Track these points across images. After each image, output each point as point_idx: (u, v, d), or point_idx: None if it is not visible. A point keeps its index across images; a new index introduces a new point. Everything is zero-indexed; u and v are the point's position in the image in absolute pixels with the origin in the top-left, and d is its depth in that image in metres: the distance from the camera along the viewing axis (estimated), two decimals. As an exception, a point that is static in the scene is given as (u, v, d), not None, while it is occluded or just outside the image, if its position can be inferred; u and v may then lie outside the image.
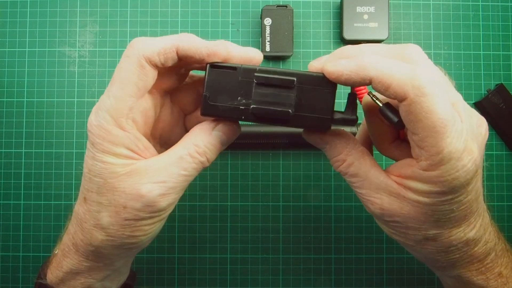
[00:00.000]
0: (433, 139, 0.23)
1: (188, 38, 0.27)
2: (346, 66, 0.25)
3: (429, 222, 0.26)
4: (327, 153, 0.29)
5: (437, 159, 0.24)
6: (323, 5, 0.46)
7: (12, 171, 0.45)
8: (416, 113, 0.23)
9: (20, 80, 0.45)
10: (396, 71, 0.23)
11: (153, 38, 0.27)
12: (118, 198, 0.26)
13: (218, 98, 0.27)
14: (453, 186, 0.24)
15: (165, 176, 0.26)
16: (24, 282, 0.44)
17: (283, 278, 0.45)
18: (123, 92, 0.26)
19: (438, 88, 0.23)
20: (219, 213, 0.45)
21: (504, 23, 0.46)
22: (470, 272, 0.29)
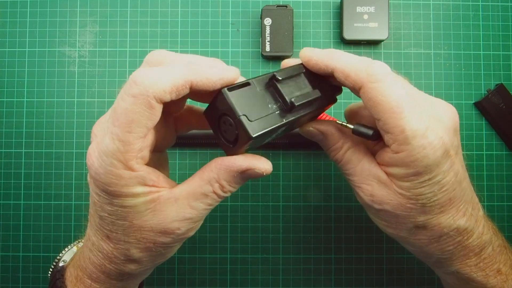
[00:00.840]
0: (393, 120, 0.25)
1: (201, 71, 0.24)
2: (317, 53, 0.29)
3: (415, 208, 0.27)
4: (324, 143, 0.31)
5: (402, 138, 0.25)
6: (323, 5, 0.46)
7: (12, 171, 0.45)
8: (374, 98, 0.26)
9: (20, 80, 0.45)
10: (355, 63, 0.27)
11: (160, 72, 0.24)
12: (147, 236, 0.26)
13: (253, 115, 0.25)
14: (424, 164, 0.26)
15: (190, 212, 0.26)
16: (24, 282, 0.44)
17: (283, 278, 0.45)
18: (131, 136, 0.23)
19: (390, 77, 0.26)
20: (219, 213, 0.45)
21: (504, 23, 0.46)
22: (469, 267, 0.29)
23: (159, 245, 0.27)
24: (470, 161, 0.45)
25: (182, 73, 0.24)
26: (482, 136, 0.46)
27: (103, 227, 0.27)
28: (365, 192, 0.29)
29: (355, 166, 0.29)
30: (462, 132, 0.46)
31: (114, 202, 0.25)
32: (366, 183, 0.29)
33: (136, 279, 0.30)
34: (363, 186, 0.29)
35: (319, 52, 0.29)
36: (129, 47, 0.46)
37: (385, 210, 0.28)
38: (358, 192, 0.30)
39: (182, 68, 0.24)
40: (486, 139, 0.46)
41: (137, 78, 0.23)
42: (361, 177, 0.29)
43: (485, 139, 0.46)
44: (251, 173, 0.27)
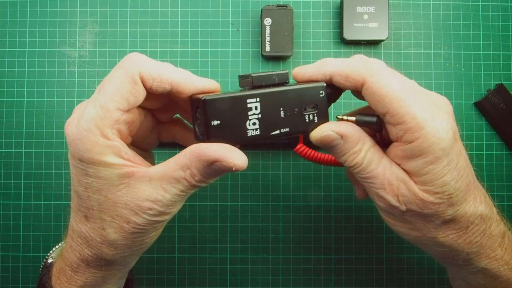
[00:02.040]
0: (402, 108, 0.25)
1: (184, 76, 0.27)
2: (309, 67, 0.29)
3: (443, 202, 0.27)
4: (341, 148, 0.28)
5: (414, 124, 0.25)
6: (323, 5, 0.46)
7: (12, 171, 0.45)
8: (378, 91, 0.26)
9: (20, 80, 0.45)
10: (352, 63, 0.27)
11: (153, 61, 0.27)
12: (120, 213, 0.26)
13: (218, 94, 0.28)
14: (441, 147, 0.26)
15: (162, 195, 0.26)
16: (24, 282, 0.44)
17: (283, 278, 0.45)
18: (112, 103, 0.25)
19: (389, 70, 0.27)
20: (219, 213, 0.45)
21: (504, 23, 0.46)
22: (496, 261, 0.28)
23: (132, 225, 0.26)
24: (470, 161, 0.45)
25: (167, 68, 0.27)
26: (482, 136, 0.46)
27: (81, 205, 0.27)
28: (390, 193, 0.27)
29: (377, 167, 0.28)
30: (462, 132, 0.45)
31: (89, 172, 0.25)
32: (390, 184, 0.27)
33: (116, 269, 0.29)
34: (388, 187, 0.27)
35: (312, 65, 0.29)
36: (129, 47, 0.46)
37: (411, 211, 0.27)
38: (382, 195, 0.28)
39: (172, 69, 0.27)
40: (486, 139, 0.46)
41: (131, 55, 0.27)
42: (384, 178, 0.27)
43: (485, 139, 0.46)
44: (220, 166, 0.26)
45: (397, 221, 0.29)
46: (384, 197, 0.28)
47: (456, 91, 0.46)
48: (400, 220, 0.29)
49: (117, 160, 0.26)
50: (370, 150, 0.28)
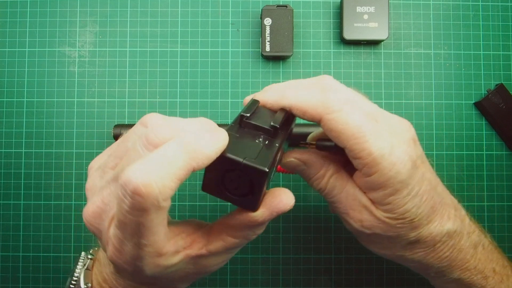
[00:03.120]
0: (358, 145, 0.26)
1: (200, 152, 0.22)
2: (270, 96, 0.28)
3: (405, 226, 0.27)
4: (306, 173, 0.30)
5: (371, 160, 0.26)
6: (323, 5, 0.46)
7: (12, 171, 0.45)
8: (334, 128, 0.26)
9: (20, 80, 0.45)
10: (309, 98, 0.27)
11: (161, 170, 0.21)
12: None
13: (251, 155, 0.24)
14: (399, 180, 0.26)
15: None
16: (24, 282, 0.44)
17: (283, 278, 0.45)
18: (154, 246, 0.23)
19: (348, 104, 0.26)
20: (219, 213, 0.45)
21: (504, 23, 0.46)
22: (469, 271, 0.29)
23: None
24: (470, 161, 0.45)
25: (183, 162, 0.21)
26: (482, 136, 0.46)
27: None
28: (354, 218, 0.29)
29: (340, 193, 0.29)
30: (462, 132, 0.46)
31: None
32: (353, 209, 0.29)
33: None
34: (351, 213, 0.29)
35: (272, 94, 0.28)
36: (129, 47, 0.46)
37: (376, 234, 0.28)
38: (346, 219, 0.29)
39: (180, 154, 0.21)
40: (486, 139, 0.46)
41: (142, 189, 0.20)
42: (347, 203, 0.29)
43: (485, 139, 0.46)
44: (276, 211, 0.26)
45: (367, 242, 0.31)
46: (349, 221, 0.29)
47: (456, 91, 0.46)
48: (369, 241, 0.30)
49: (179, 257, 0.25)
50: (333, 177, 0.29)
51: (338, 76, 0.46)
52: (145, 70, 0.45)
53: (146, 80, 0.45)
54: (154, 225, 0.22)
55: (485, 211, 0.45)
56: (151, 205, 0.20)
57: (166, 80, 0.45)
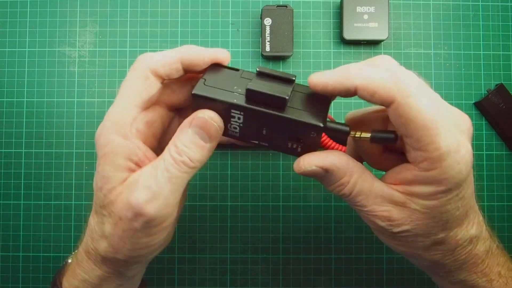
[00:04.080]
0: (428, 137, 0.24)
1: (190, 47, 0.27)
2: (331, 76, 0.25)
3: (438, 225, 0.26)
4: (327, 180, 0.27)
5: (437, 156, 0.24)
6: (323, 5, 0.46)
7: (12, 171, 0.45)
8: (406, 115, 0.24)
9: (20, 80, 0.45)
10: (379, 77, 0.24)
11: (159, 52, 0.28)
12: (114, 210, 0.26)
13: (215, 83, 0.27)
14: (457, 180, 0.24)
15: (150, 180, 0.25)
16: (24, 282, 0.44)
17: (283, 278, 0.45)
18: (127, 102, 0.26)
19: (421, 89, 0.24)
20: (219, 213, 0.45)
21: (504, 23, 0.46)
22: (475, 274, 0.29)
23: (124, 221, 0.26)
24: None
25: (175, 50, 0.27)
26: (482, 136, 0.46)
27: (94, 201, 0.28)
28: (382, 218, 0.27)
29: (367, 197, 0.27)
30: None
31: (98, 169, 0.26)
32: (382, 210, 0.27)
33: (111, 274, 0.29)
34: (379, 214, 0.27)
35: (332, 75, 0.25)
36: (129, 47, 0.46)
37: (404, 231, 0.27)
38: (373, 221, 0.27)
39: (177, 48, 0.27)
40: (486, 139, 0.46)
41: (140, 57, 0.28)
42: (376, 206, 0.27)
43: (485, 139, 0.46)
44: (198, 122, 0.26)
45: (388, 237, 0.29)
46: (375, 222, 0.27)
47: (456, 91, 0.46)
48: (389, 237, 0.29)
49: (124, 161, 0.26)
50: (358, 182, 0.27)
51: (338, 76, 0.46)
52: (145, 70, 0.45)
53: (146, 80, 0.45)
54: (134, 86, 0.27)
55: (485, 211, 0.45)
56: (139, 66, 0.27)
57: (166, 80, 0.45)
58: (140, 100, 0.27)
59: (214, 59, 0.28)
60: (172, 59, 0.27)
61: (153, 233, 0.26)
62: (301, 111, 0.26)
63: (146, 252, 0.27)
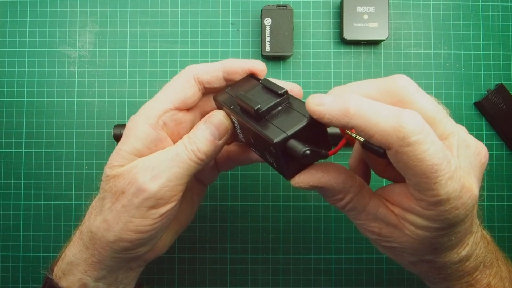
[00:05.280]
0: (426, 185, 0.23)
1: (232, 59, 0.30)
2: (328, 109, 0.23)
3: (426, 249, 0.26)
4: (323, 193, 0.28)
5: (434, 201, 0.23)
6: (323, 5, 0.46)
7: (12, 171, 0.45)
8: (404, 162, 0.22)
9: (20, 80, 0.45)
10: (379, 119, 0.22)
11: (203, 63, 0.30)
12: (118, 184, 0.28)
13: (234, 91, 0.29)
14: (453, 223, 0.24)
15: (157, 160, 0.28)
16: (24, 282, 0.44)
17: (283, 278, 0.45)
18: (163, 97, 0.29)
19: (425, 133, 0.22)
20: (219, 213, 0.45)
21: (504, 23, 0.46)
22: (460, 284, 0.29)
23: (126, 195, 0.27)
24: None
25: (218, 62, 0.30)
26: (482, 136, 0.46)
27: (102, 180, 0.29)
28: (372, 232, 0.27)
29: (360, 213, 0.27)
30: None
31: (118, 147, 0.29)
32: (373, 226, 0.27)
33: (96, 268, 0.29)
34: (370, 228, 0.27)
35: (331, 107, 0.23)
36: (129, 47, 0.46)
37: (392, 247, 0.27)
38: (364, 232, 0.28)
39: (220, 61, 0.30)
40: (486, 139, 0.46)
41: (188, 66, 0.30)
42: (367, 221, 0.27)
43: (485, 139, 0.46)
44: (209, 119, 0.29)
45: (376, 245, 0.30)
46: (365, 233, 0.28)
47: (456, 91, 0.46)
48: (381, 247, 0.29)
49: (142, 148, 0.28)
50: (353, 200, 0.27)
51: (338, 76, 0.46)
52: (145, 70, 0.45)
53: (146, 80, 0.45)
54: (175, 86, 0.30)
55: (485, 211, 0.45)
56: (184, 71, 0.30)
57: (166, 80, 0.45)
58: (175, 97, 0.29)
59: (252, 68, 0.30)
60: (215, 67, 0.30)
61: (147, 215, 0.28)
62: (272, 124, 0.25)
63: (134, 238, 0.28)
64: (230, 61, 0.30)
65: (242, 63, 0.30)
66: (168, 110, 0.29)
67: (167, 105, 0.29)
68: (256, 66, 0.30)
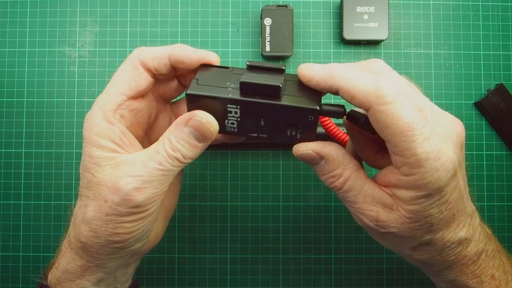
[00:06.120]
0: (404, 143, 0.24)
1: (180, 46, 0.29)
2: (317, 73, 0.27)
3: (422, 228, 0.27)
4: (321, 168, 0.29)
5: (414, 162, 0.24)
6: (323, 5, 0.46)
7: (12, 171, 0.45)
8: (382, 121, 0.24)
9: (20, 80, 0.45)
10: (360, 82, 0.25)
11: (152, 47, 0.29)
12: (101, 191, 0.27)
13: (208, 82, 0.28)
14: (437, 187, 0.25)
15: (141, 170, 0.27)
16: (24, 282, 0.44)
17: (283, 278, 0.45)
18: (114, 88, 0.28)
19: (401, 96, 0.24)
20: (219, 213, 0.45)
21: (504, 23, 0.46)
22: (466, 275, 0.29)
23: (109, 204, 0.26)
24: (470, 161, 0.45)
25: (165, 47, 0.29)
26: (482, 136, 0.46)
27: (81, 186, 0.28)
28: (370, 218, 0.28)
29: (358, 194, 0.28)
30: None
31: (85, 150, 0.27)
32: (370, 209, 0.27)
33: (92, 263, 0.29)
34: (367, 213, 0.28)
35: (319, 71, 0.27)
36: (129, 47, 0.46)
37: (390, 233, 0.28)
38: (361, 218, 0.28)
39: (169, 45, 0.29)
40: (486, 139, 0.46)
41: (134, 50, 0.29)
42: (364, 204, 0.28)
43: (485, 139, 0.46)
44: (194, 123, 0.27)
45: (377, 237, 0.30)
46: (363, 220, 0.28)
47: (456, 91, 0.46)
48: (380, 237, 0.29)
49: (108, 143, 0.27)
50: (351, 178, 0.28)
51: (338, 76, 0.46)
52: (145, 70, 0.45)
53: (146, 80, 0.45)
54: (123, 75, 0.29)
55: (485, 211, 0.45)
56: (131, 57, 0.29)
57: (166, 80, 0.45)
58: (127, 88, 0.28)
59: (202, 60, 0.29)
60: (162, 54, 0.28)
61: (136, 220, 0.27)
62: (296, 97, 0.27)
63: (126, 238, 0.28)
64: (178, 48, 0.29)
65: (190, 53, 0.29)
66: (122, 103, 0.28)
67: (120, 98, 0.28)
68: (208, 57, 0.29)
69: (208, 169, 0.45)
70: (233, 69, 0.29)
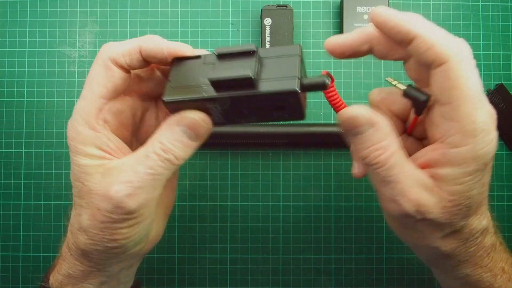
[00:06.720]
0: (467, 108, 0.23)
1: (150, 38, 0.27)
2: (396, 15, 0.25)
3: (461, 213, 0.25)
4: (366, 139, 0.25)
5: (470, 130, 0.23)
6: (323, 5, 0.46)
7: (12, 171, 0.45)
8: (455, 78, 0.23)
9: (20, 80, 0.45)
10: (442, 34, 0.24)
11: (120, 42, 0.28)
12: (93, 200, 0.26)
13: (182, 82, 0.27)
14: (484, 162, 0.24)
15: (131, 175, 0.26)
16: (24, 282, 0.44)
17: (283, 278, 0.45)
18: (91, 94, 0.27)
19: (471, 57, 0.24)
20: (219, 213, 0.45)
21: (504, 23, 0.46)
22: (481, 268, 0.28)
23: (103, 212, 0.26)
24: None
25: (134, 40, 0.27)
26: (482, 136, 0.46)
27: (73, 195, 0.28)
28: (413, 201, 0.25)
29: (401, 172, 0.25)
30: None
31: (72, 159, 0.27)
32: (413, 191, 0.25)
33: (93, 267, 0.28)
34: (409, 195, 0.25)
35: (398, 14, 0.25)
36: (129, 47, 0.46)
37: (427, 220, 0.25)
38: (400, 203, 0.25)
39: (138, 38, 0.28)
40: (486, 139, 0.46)
41: (102, 47, 0.27)
42: (407, 184, 0.25)
43: (485, 139, 0.46)
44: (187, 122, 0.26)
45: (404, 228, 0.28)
46: (402, 205, 0.25)
47: (456, 91, 0.46)
48: (408, 227, 0.27)
49: (95, 151, 0.26)
50: (396, 153, 0.25)
51: (338, 76, 0.46)
52: (145, 70, 0.45)
53: (146, 80, 0.45)
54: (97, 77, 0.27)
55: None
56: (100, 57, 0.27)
57: (166, 80, 0.45)
58: (104, 91, 0.27)
59: (173, 54, 0.27)
60: (131, 49, 0.27)
61: (132, 225, 0.27)
62: (273, 80, 0.25)
63: (124, 243, 0.27)
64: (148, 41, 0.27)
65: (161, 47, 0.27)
66: (102, 107, 0.27)
67: (100, 101, 0.27)
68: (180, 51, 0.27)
69: (208, 169, 0.45)
70: (205, 58, 0.27)
